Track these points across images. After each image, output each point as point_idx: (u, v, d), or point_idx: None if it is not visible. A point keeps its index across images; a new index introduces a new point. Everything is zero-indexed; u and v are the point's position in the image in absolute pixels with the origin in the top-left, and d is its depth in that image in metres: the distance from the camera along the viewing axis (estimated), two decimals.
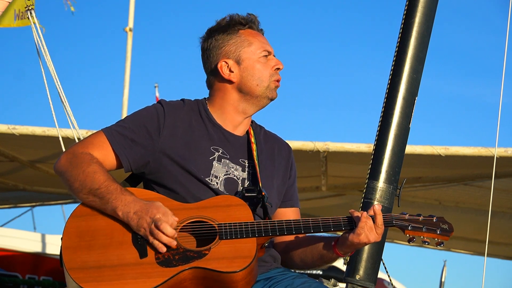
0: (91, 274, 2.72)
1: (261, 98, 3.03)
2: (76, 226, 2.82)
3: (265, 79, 3.02)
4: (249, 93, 3.02)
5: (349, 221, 2.82)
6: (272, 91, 3.03)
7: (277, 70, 3.05)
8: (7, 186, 9.90)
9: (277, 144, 3.16)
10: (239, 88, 3.03)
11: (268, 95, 3.03)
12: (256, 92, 3.02)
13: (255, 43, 3.04)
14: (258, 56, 3.03)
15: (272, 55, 3.07)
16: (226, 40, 3.04)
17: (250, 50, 3.03)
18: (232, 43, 3.03)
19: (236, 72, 3.02)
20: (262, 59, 3.03)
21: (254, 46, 3.04)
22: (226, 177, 2.96)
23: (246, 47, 3.03)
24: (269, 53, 3.05)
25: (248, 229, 2.77)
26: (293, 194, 3.15)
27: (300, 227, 2.81)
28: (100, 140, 2.93)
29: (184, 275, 2.70)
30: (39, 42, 4.04)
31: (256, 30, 3.09)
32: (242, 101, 3.04)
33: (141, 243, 2.75)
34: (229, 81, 3.03)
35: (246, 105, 3.04)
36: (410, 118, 3.75)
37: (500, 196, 7.91)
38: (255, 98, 3.03)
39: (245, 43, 3.04)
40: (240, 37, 3.04)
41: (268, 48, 3.06)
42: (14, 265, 10.39)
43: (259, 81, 3.01)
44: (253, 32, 3.08)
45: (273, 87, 3.03)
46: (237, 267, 2.69)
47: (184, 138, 2.96)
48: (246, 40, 3.04)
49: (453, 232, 2.85)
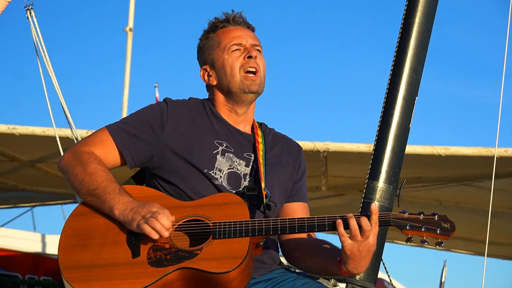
0: (82, 273, 2.72)
1: (238, 93, 3.02)
2: (74, 225, 2.83)
3: (235, 72, 3.01)
4: (227, 91, 3.04)
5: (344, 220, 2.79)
6: (245, 85, 3.00)
7: (249, 58, 3.02)
8: (7, 186, 9.90)
9: (286, 144, 3.17)
10: (219, 89, 3.06)
11: (244, 88, 3.01)
12: (232, 88, 3.02)
13: (224, 40, 3.05)
14: (227, 52, 3.03)
15: (245, 45, 3.04)
16: (202, 47, 3.11)
17: (220, 49, 3.05)
18: (206, 49, 3.09)
19: (213, 75, 3.07)
20: (234, 53, 3.03)
21: (223, 44, 3.05)
22: (229, 171, 2.97)
23: (216, 48, 3.06)
24: (239, 44, 3.04)
25: (242, 229, 2.75)
26: (300, 189, 3.14)
27: (294, 226, 2.79)
28: (103, 137, 2.95)
29: (174, 276, 2.69)
30: (38, 42, 4.03)
31: (231, 26, 3.09)
32: (228, 100, 3.06)
33: (135, 243, 2.75)
34: (211, 85, 3.08)
35: (233, 104, 3.05)
36: (410, 118, 3.74)
37: (500, 196, 7.91)
38: (235, 94, 3.03)
39: (215, 45, 3.07)
40: (212, 40, 3.08)
41: (238, 40, 3.05)
42: (14, 265, 10.39)
43: (231, 76, 3.02)
44: (225, 30, 3.08)
45: (245, 81, 3.00)
46: (227, 267, 2.67)
47: (187, 133, 2.97)
48: (216, 41, 3.07)
49: (454, 231, 2.77)
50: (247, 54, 3.02)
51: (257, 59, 3.03)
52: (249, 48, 3.03)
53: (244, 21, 3.11)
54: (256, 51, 3.04)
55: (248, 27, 3.11)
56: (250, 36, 3.07)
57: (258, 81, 3.02)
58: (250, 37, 3.07)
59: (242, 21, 3.11)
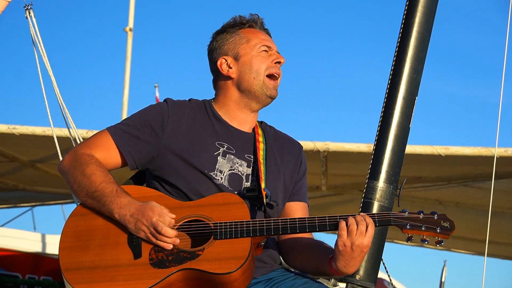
0: (84, 275, 2.72)
1: (258, 94, 3.03)
2: (75, 226, 2.83)
3: (261, 72, 3.03)
4: (247, 88, 3.03)
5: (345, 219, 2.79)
6: (268, 89, 3.03)
7: (277, 63, 3.06)
8: (7, 186, 9.89)
9: (287, 143, 3.17)
10: (238, 83, 3.04)
11: (266, 91, 3.03)
12: (254, 87, 3.02)
13: (254, 39, 3.07)
14: (256, 51, 3.05)
15: (273, 50, 3.08)
16: (226, 39, 3.08)
17: (249, 45, 3.06)
18: (231, 42, 3.07)
19: (235, 67, 3.05)
20: (262, 53, 3.05)
21: (253, 42, 3.06)
22: (230, 172, 2.96)
23: (245, 43, 3.06)
24: (269, 48, 3.07)
25: (243, 229, 2.75)
26: (300, 189, 3.14)
27: (295, 226, 2.79)
28: (104, 139, 2.95)
29: (176, 277, 2.69)
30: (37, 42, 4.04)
31: (257, 29, 3.12)
32: (243, 97, 3.05)
33: (136, 244, 2.75)
34: (229, 77, 3.05)
35: (248, 101, 3.05)
36: (410, 118, 3.74)
37: (500, 196, 7.91)
38: (253, 93, 3.03)
39: (244, 40, 3.07)
40: (239, 35, 3.08)
41: (268, 43, 3.08)
42: (14, 265, 10.40)
43: (256, 74, 3.02)
44: (253, 30, 3.10)
45: (268, 85, 3.02)
46: (229, 268, 2.67)
47: (188, 134, 2.97)
48: (244, 37, 3.07)
49: (454, 230, 2.79)
50: (276, 59, 3.06)
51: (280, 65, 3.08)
52: (278, 54, 3.08)
53: (267, 29, 3.15)
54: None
55: (270, 36, 3.15)
56: (275, 44, 3.12)
57: (277, 87, 3.07)
58: (275, 45, 3.12)
59: (266, 28, 3.15)
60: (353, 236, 2.73)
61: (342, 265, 2.78)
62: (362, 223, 2.74)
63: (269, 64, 3.04)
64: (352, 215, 2.77)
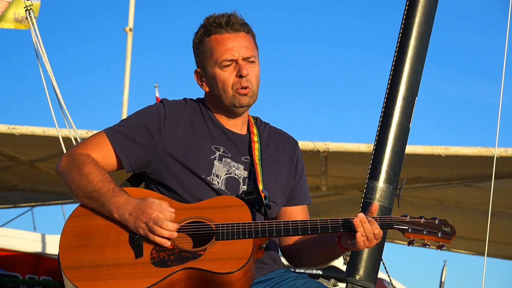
0: (85, 273, 2.72)
1: (230, 107, 2.98)
2: (74, 226, 2.82)
3: (227, 89, 2.95)
4: (219, 101, 2.99)
5: (347, 222, 2.80)
6: (237, 99, 2.96)
7: (241, 77, 2.95)
8: (7, 186, 9.90)
9: (281, 140, 3.14)
10: (212, 96, 3.01)
11: (235, 103, 2.97)
12: (224, 102, 2.98)
13: (216, 52, 2.95)
14: (219, 66, 2.95)
15: (238, 60, 2.95)
16: (196, 48, 3.03)
17: (212, 60, 2.97)
18: (199, 53, 3.01)
19: (206, 81, 3.02)
20: (224, 69, 2.95)
21: (215, 55, 2.95)
22: (227, 176, 2.95)
23: (208, 58, 2.98)
24: (231, 60, 2.95)
25: (245, 230, 2.76)
26: (300, 191, 3.12)
27: (297, 228, 2.80)
28: (101, 141, 2.94)
29: (179, 276, 2.70)
30: (37, 43, 4.04)
31: (224, 33, 2.97)
32: (220, 107, 3.01)
33: (137, 243, 2.75)
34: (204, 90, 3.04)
35: (226, 112, 3.02)
36: (410, 118, 3.74)
37: (500, 196, 7.91)
38: (226, 107, 2.99)
39: (208, 53, 2.98)
40: (205, 46, 2.99)
41: (229, 54, 2.94)
42: (14, 265, 10.40)
43: (222, 91, 2.96)
44: (218, 38, 2.97)
45: (237, 96, 2.96)
46: (232, 268, 2.68)
47: (185, 137, 2.96)
48: (208, 50, 2.97)
49: (455, 235, 2.83)
50: (239, 72, 2.94)
51: (248, 75, 2.95)
52: (241, 64, 2.94)
53: (238, 24, 2.98)
54: (247, 67, 2.95)
55: (243, 30, 2.99)
56: (243, 46, 2.96)
57: (250, 94, 2.97)
58: (243, 47, 2.96)
59: (236, 23, 2.98)
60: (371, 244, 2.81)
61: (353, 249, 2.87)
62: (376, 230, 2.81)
63: (233, 81, 2.95)
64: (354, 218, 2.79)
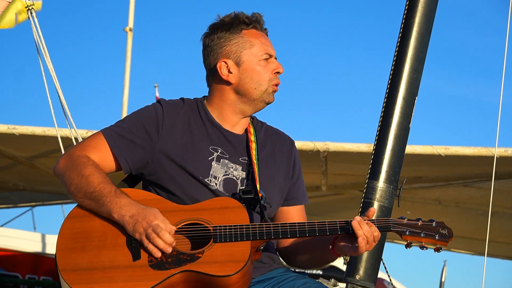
0: (82, 275, 2.70)
1: (257, 101, 3.00)
2: (71, 228, 2.81)
3: (264, 83, 2.98)
4: (246, 95, 2.99)
5: (345, 225, 2.80)
6: (269, 95, 3.00)
7: (277, 74, 3.01)
8: (7, 186, 9.90)
9: (278, 139, 3.13)
10: (236, 89, 3.00)
11: (265, 99, 3.00)
12: (253, 95, 2.99)
13: (257, 45, 2.99)
14: (258, 58, 2.98)
15: (273, 58, 3.02)
16: (228, 39, 2.99)
17: (251, 52, 2.99)
18: (234, 43, 2.99)
19: (235, 73, 2.98)
20: (263, 62, 2.99)
21: (256, 48, 2.99)
22: (225, 177, 2.95)
23: (248, 48, 2.99)
24: (270, 56, 3.01)
25: (243, 233, 2.75)
26: (297, 191, 3.12)
27: (295, 231, 2.79)
28: (99, 142, 2.92)
29: (176, 279, 2.69)
30: (39, 41, 4.04)
31: (259, 31, 3.04)
32: (239, 102, 3.01)
33: (135, 246, 2.73)
34: (227, 82, 3.00)
35: (243, 107, 3.01)
36: (410, 118, 3.75)
37: (500, 196, 7.91)
38: (252, 101, 3.00)
39: (247, 45, 2.99)
40: (242, 38, 3.00)
41: (270, 50, 3.01)
42: (14, 265, 10.40)
43: (257, 84, 2.98)
44: (256, 33, 3.02)
45: (270, 91, 3.00)
46: (230, 271, 2.67)
47: (182, 138, 2.95)
48: (248, 41, 2.99)
49: (452, 237, 2.84)
50: (276, 69, 3.00)
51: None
52: (278, 64, 3.01)
53: (266, 29, 3.07)
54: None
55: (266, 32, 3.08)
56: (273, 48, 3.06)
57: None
58: (274, 50, 3.05)
59: (266, 28, 3.06)
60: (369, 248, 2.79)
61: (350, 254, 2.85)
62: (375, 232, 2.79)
63: (270, 76, 2.99)
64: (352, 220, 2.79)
